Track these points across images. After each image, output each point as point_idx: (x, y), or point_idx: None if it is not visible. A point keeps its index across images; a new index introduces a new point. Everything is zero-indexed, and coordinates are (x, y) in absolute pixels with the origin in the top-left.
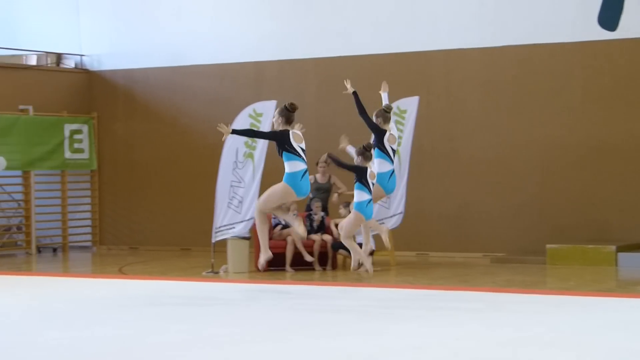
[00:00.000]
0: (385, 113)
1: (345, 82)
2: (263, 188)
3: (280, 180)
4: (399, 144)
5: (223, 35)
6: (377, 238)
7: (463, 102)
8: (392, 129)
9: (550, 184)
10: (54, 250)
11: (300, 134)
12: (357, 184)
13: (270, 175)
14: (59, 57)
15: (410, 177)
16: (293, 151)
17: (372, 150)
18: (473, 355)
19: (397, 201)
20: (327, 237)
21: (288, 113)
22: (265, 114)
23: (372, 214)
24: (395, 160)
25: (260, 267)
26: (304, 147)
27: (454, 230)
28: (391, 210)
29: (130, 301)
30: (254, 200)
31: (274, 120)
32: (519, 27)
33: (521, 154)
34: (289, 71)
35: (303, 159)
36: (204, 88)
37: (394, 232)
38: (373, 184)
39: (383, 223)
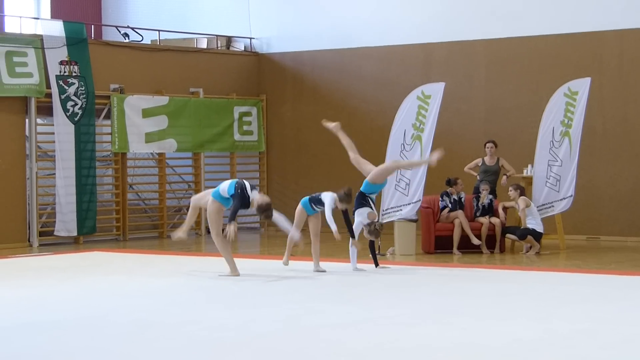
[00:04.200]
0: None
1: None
2: (430, 170)
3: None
4: (569, 126)
5: (391, 17)
6: (545, 221)
7: (637, 82)
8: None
9: None
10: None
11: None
12: None
13: None
14: (229, 40)
15: (580, 160)
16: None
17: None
18: None
19: (567, 184)
20: (495, 220)
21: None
22: (433, 96)
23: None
24: (566, 142)
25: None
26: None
27: (627, 213)
28: (561, 194)
29: (298, 282)
30: (421, 182)
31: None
32: None
33: None
34: (457, 53)
35: None
36: (372, 70)
37: (563, 216)
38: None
39: (552, 206)
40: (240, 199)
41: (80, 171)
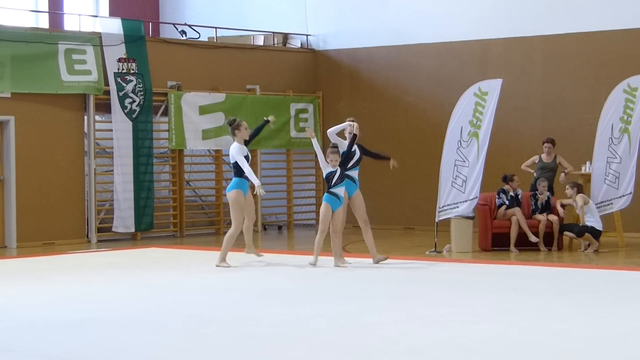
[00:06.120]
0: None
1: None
2: (487, 167)
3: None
4: (629, 123)
5: (447, 13)
6: (604, 218)
7: None
8: None
9: None
10: (279, 227)
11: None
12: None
13: (495, 154)
14: (285, 37)
15: None
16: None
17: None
18: None
19: (627, 181)
20: (552, 218)
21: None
22: (490, 92)
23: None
24: (625, 138)
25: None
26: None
27: None
28: (620, 191)
29: (353, 279)
30: (478, 179)
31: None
32: None
33: None
34: (515, 49)
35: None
36: (428, 67)
37: (623, 213)
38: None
39: (611, 203)
40: None
41: (138, 168)
